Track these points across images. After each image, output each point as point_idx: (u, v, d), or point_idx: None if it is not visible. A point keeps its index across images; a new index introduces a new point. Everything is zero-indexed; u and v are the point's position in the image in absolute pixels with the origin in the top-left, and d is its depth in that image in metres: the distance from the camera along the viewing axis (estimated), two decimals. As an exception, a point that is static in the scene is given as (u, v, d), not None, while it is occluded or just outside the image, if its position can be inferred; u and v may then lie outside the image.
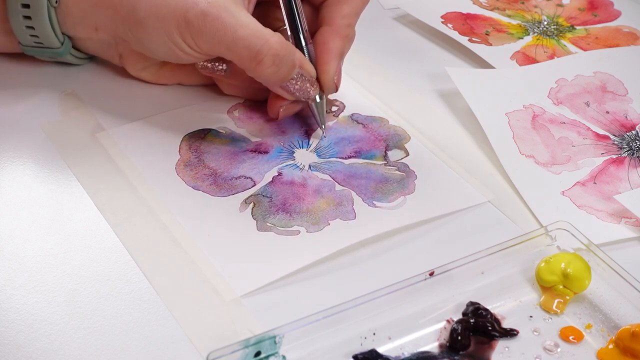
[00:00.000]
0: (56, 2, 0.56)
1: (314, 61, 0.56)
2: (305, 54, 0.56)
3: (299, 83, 0.55)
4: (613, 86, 0.65)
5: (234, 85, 0.59)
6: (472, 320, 0.45)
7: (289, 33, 0.56)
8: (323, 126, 0.57)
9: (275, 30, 0.55)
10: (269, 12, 0.59)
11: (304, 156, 0.56)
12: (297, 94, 0.55)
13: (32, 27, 0.57)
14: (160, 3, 0.53)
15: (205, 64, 0.56)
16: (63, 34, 0.58)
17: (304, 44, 0.56)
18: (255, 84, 0.56)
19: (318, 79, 0.56)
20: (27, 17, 0.57)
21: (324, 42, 0.56)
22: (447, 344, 0.44)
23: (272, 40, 0.53)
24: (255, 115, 0.59)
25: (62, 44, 0.58)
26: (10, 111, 0.58)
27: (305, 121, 0.59)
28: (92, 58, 0.62)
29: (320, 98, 0.56)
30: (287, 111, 0.58)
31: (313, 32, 0.57)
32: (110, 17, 0.55)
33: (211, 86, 0.61)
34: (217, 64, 0.56)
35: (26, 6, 0.56)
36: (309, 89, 0.55)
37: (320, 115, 0.57)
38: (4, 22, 0.58)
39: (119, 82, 0.61)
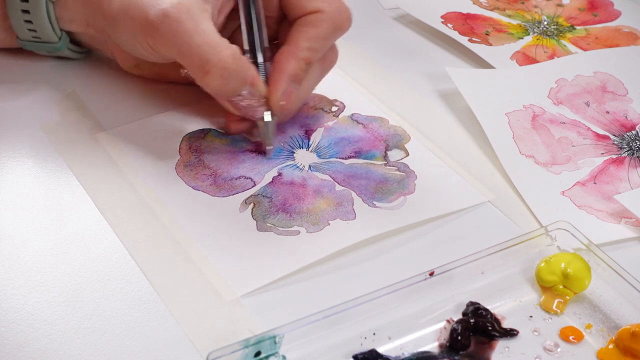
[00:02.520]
0: None
1: (267, 79, 0.54)
2: (261, 72, 0.54)
3: (246, 100, 0.53)
4: (613, 86, 0.65)
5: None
6: (472, 320, 0.45)
7: (246, 48, 0.55)
8: (269, 147, 0.55)
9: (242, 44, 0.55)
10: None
11: (304, 156, 0.56)
12: (242, 111, 0.54)
13: (30, 22, 0.57)
14: (130, 1, 0.53)
15: (188, 73, 0.54)
16: (60, 29, 0.58)
17: (260, 61, 0.55)
18: None
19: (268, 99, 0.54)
20: (26, 12, 0.57)
21: (279, 62, 0.54)
22: (447, 344, 0.44)
23: (224, 52, 0.51)
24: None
25: (60, 38, 0.59)
26: (10, 111, 0.58)
27: (305, 121, 0.59)
28: (89, 52, 0.62)
29: (272, 117, 0.54)
30: (237, 127, 0.57)
31: None
32: (95, 13, 0.56)
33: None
34: None
35: (25, 0, 0.56)
36: (255, 108, 0.53)
37: (264, 136, 0.55)
38: (3, 18, 0.58)
39: (119, 82, 0.61)
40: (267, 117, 0.54)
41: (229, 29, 0.57)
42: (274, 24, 0.57)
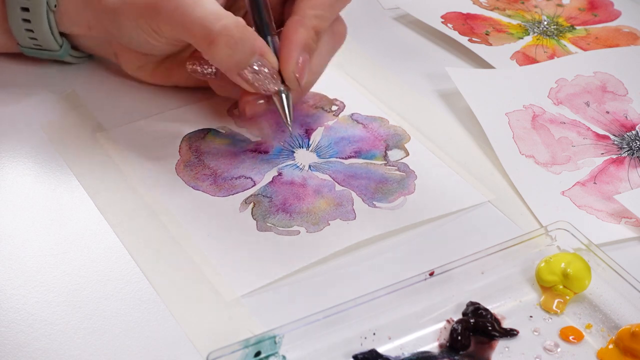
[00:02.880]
0: (55, 5, 0.56)
1: (278, 54, 0.53)
2: (270, 45, 0.53)
3: (257, 73, 0.52)
4: (613, 86, 0.65)
5: (224, 87, 0.57)
6: (472, 320, 0.45)
7: (252, 22, 0.54)
8: (289, 123, 0.54)
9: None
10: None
11: (304, 156, 0.56)
12: (257, 84, 0.52)
13: (31, 30, 0.57)
14: None
15: (194, 67, 0.55)
16: (62, 35, 0.58)
17: (267, 35, 0.53)
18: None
19: (280, 73, 0.53)
20: (27, 20, 0.57)
21: (287, 32, 0.53)
22: (447, 344, 0.44)
23: (228, 20, 0.50)
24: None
25: (61, 46, 0.59)
26: (11, 111, 0.58)
27: (305, 121, 0.59)
28: (90, 57, 0.62)
29: (286, 93, 0.53)
30: (253, 108, 0.55)
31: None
32: (97, 11, 0.55)
33: (209, 87, 0.61)
34: (205, 67, 0.55)
35: (25, 9, 0.56)
36: (268, 81, 0.52)
37: (283, 111, 0.54)
38: (4, 23, 0.58)
39: (119, 82, 0.61)
40: (283, 94, 0.53)
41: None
42: (278, 5, 0.57)
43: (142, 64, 0.59)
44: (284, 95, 0.53)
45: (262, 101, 0.55)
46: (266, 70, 0.52)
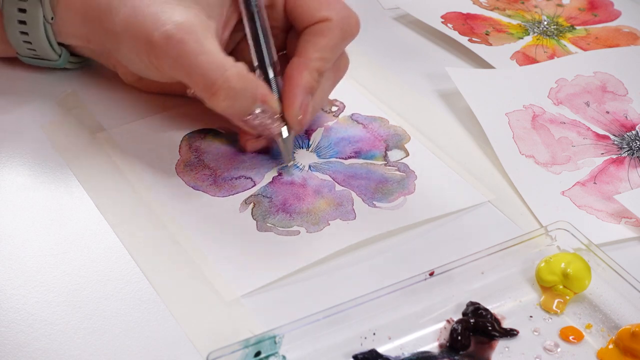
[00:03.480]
0: (52, 18, 0.56)
1: (280, 94, 0.53)
2: (273, 87, 0.53)
3: (259, 119, 0.51)
4: (613, 86, 0.65)
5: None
6: (472, 320, 0.45)
7: (256, 64, 0.53)
8: (290, 162, 0.55)
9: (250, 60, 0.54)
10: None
11: (304, 156, 0.56)
12: (258, 129, 0.52)
13: (29, 42, 0.57)
14: (134, 20, 0.51)
15: (194, 93, 0.53)
16: (60, 44, 0.58)
17: (271, 76, 0.53)
18: None
19: (283, 115, 0.53)
20: (24, 33, 0.57)
21: (291, 75, 0.52)
22: (447, 344, 0.44)
23: (229, 71, 0.49)
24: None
25: (60, 56, 0.59)
26: (11, 111, 0.58)
27: (305, 121, 0.59)
28: (89, 61, 0.62)
29: (288, 133, 0.53)
30: (253, 145, 0.55)
31: None
32: (96, 29, 0.55)
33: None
34: None
35: (22, 22, 0.56)
36: (270, 126, 0.52)
37: (284, 152, 0.54)
38: (3, 32, 0.57)
39: (119, 82, 0.61)
40: (285, 132, 0.53)
41: (234, 40, 0.56)
42: (281, 33, 0.56)
43: (139, 77, 0.58)
44: (284, 134, 0.53)
45: (262, 139, 0.55)
46: (268, 115, 0.52)
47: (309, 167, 0.55)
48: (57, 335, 0.44)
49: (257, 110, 0.51)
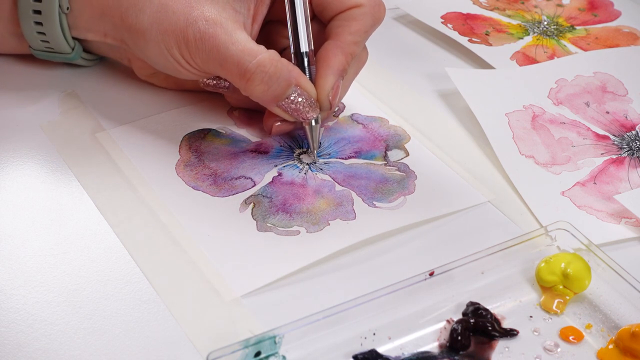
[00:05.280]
0: (67, 8, 0.56)
1: (313, 79, 0.54)
2: (307, 74, 0.54)
3: (295, 103, 0.53)
4: (613, 86, 0.65)
5: (239, 99, 0.58)
6: (472, 320, 0.45)
7: (293, 51, 0.54)
8: (315, 151, 0.55)
9: (281, 49, 0.55)
10: (277, 29, 0.58)
11: (304, 157, 0.56)
12: (294, 114, 0.53)
13: (43, 33, 0.57)
14: (162, 17, 0.53)
15: (207, 81, 0.55)
16: (74, 38, 0.58)
17: (306, 64, 0.54)
18: None
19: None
20: (39, 23, 0.57)
21: (325, 56, 0.54)
22: (447, 344, 0.44)
23: (262, 57, 0.51)
24: (256, 115, 0.59)
25: (73, 49, 0.58)
26: (11, 111, 0.58)
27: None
28: (101, 59, 0.62)
29: (316, 122, 0.54)
30: (281, 129, 0.56)
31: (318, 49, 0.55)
32: (117, 25, 0.55)
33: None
34: (220, 81, 0.55)
35: (37, 12, 0.56)
36: (306, 110, 0.53)
37: (312, 140, 0.55)
38: (16, 26, 0.58)
39: (119, 82, 0.61)
40: (313, 122, 0.54)
41: (263, 34, 0.57)
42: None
43: (154, 71, 0.59)
44: (314, 122, 0.54)
45: (287, 123, 0.55)
46: (303, 99, 0.53)
47: (309, 167, 0.55)
48: (57, 335, 0.44)
49: (293, 95, 0.52)
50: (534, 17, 0.75)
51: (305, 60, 0.54)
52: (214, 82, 0.55)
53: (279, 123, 0.55)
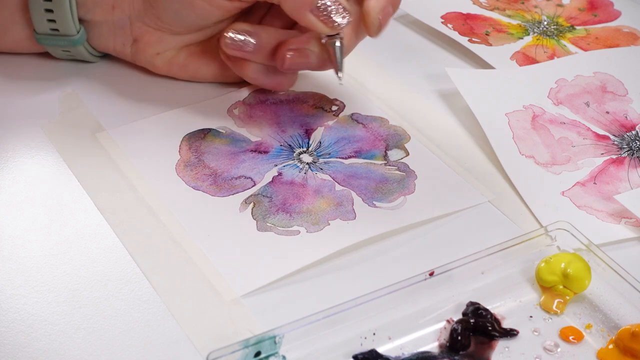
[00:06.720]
0: None
1: None
2: None
3: (328, 9, 0.52)
4: (613, 86, 0.65)
5: (253, 68, 0.57)
6: (472, 320, 0.45)
7: None
8: (342, 70, 0.55)
9: None
10: None
11: (304, 156, 0.56)
12: (329, 16, 0.53)
13: (51, 10, 0.57)
14: None
15: (234, 35, 0.55)
16: (80, 21, 0.58)
17: None
18: (276, 70, 0.56)
19: (363, 18, 0.54)
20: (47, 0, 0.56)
21: None
22: (447, 344, 0.44)
23: None
24: (256, 114, 0.59)
25: (78, 32, 0.58)
26: (11, 111, 0.58)
27: (305, 121, 0.59)
28: (104, 56, 0.62)
29: (341, 40, 0.54)
30: (294, 61, 0.55)
31: None
32: None
33: (212, 85, 0.61)
34: (247, 37, 0.55)
35: None
36: (340, 13, 0.53)
37: (338, 60, 0.55)
38: (19, 12, 0.57)
39: (119, 82, 0.61)
40: (338, 42, 0.54)
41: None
42: None
43: (161, 50, 0.58)
44: (338, 42, 0.54)
45: (301, 55, 0.55)
46: (337, 5, 0.53)
47: (309, 166, 0.55)
48: (57, 335, 0.44)
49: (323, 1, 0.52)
50: (534, 17, 0.75)
51: None
52: (243, 38, 0.55)
53: (291, 53, 0.55)
